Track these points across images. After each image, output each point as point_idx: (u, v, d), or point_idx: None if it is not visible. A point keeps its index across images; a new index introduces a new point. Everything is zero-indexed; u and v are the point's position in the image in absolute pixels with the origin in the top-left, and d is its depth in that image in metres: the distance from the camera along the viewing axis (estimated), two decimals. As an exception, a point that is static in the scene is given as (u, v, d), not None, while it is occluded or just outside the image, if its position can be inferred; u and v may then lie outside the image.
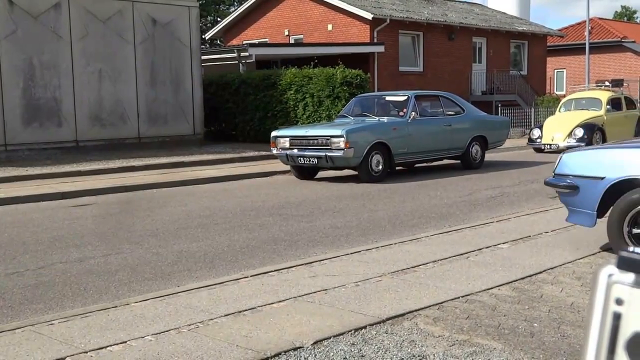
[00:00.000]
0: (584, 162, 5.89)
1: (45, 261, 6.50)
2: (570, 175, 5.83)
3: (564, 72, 38.58)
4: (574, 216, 5.95)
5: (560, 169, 5.98)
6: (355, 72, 18.79)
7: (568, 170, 5.89)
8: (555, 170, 6.08)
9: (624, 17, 65.00)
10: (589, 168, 5.75)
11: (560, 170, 5.98)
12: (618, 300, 0.71)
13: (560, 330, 4.05)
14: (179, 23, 18.64)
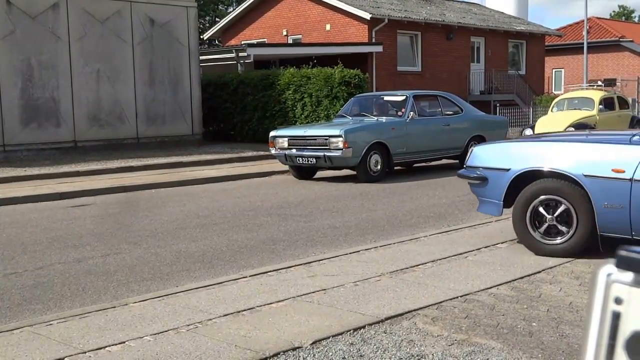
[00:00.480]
0: (492, 154, 6.20)
1: (43, 262, 6.49)
2: (480, 167, 6.15)
3: (562, 72, 38.61)
4: (483, 206, 6.29)
5: (471, 161, 6.29)
6: (353, 72, 18.79)
7: (478, 163, 6.21)
8: (466, 163, 6.39)
9: (622, 16, 65.06)
10: (496, 160, 6.06)
11: (471, 162, 6.29)
12: (617, 299, 0.71)
13: (558, 329, 4.05)
14: (177, 23, 18.63)
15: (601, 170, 5.41)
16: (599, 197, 5.44)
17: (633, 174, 5.24)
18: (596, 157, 5.55)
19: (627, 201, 5.29)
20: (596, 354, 0.72)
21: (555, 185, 5.66)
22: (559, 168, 5.61)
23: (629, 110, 20.15)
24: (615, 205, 5.36)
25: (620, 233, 5.49)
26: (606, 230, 5.55)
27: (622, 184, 5.29)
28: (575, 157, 5.62)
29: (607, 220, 5.46)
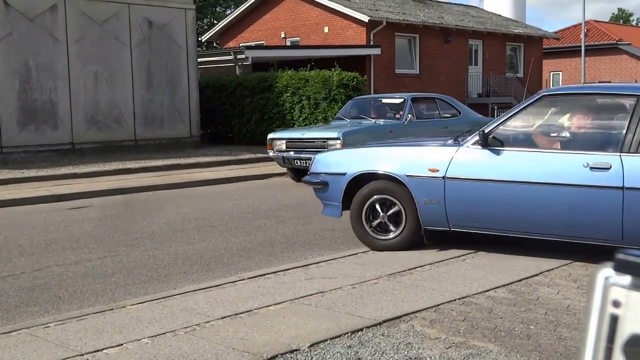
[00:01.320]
0: (331, 161, 6.79)
1: (41, 264, 6.49)
2: (322, 173, 6.71)
3: (560, 75, 38.67)
4: (326, 209, 6.83)
5: (314, 167, 6.83)
6: (351, 75, 18.79)
7: (320, 169, 6.77)
8: (310, 170, 6.89)
9: (619, 19, 65.19)
10: (335, 166, 6.66)
11: (314, 169, 6.83)
12: (615, 302, 0.71)
13: (556, 332, 4.06)
14: (175, 25, 18.63)
15: (420, 170, 6.09)
16: (419, 194, 6.09)
17: (445, 173, 5.94)
18: (416, 159, 6.22)
19: (442, 196, 5.98)
20: (594, 357, 0.72)
21: (385, 186, 6.28)
22: (386, 170, 6.24)
23: None
24: (433, 200, 6.03)
25: (440, 225, 6.15)
26: (428, 224, 6.19)
27: (437, 181, 5.99)
28: (399, 159, 6.28)
29: (427, 214, 6.12)
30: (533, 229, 5.75)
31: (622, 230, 5.29)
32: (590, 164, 5.33)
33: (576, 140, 5.80)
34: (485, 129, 5.85)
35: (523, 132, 6.04)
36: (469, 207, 5.92)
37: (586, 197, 5.38)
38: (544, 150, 5.76)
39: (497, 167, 5.74)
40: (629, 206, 5.21)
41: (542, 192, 5.55)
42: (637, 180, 5.18)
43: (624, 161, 5.23)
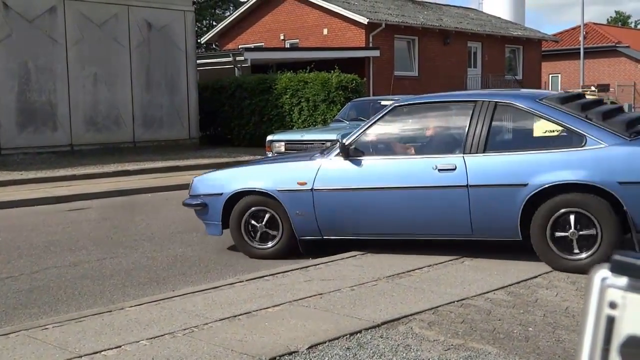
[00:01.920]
0: (209, 182, 6.95)
1: (39, 265, 6.48)
2: (201, 195, 6.88)
3: (559, 77, 38.71)
4: (208, 228, 6.93)
5: (193, 190, 7.00)
6: (350, 77, 18.80)
7: (199, 191, 6.93)
8: (189, 192, 7.08)
9: (618, 22, 65.26)
10: (212, 187, 6.84)
11: (193, 191, 7.01)
12: (612, 303, 0.71)
13: (555, 334, 4.06)
14: (174, 27, 18.64)
15: (289, 184, 6.36)
16: (291, 207, 6.35)
17: (312, 185, 6.24)
18: (286, 174, 6.53)
19: (312, 208, 6.26)
20: (591, 358, 0.72)
21: (260, 200, 6.54)
22: (260, 187, 6.50)
23: None
24: (303, 212, 6.30)
25: (313, 235, 6.42)
26: (302, 234, 6.44)
27: (305, 194, 6.27)
28: (270, 176, 6.57)
29: (300, 225, 6.37)
30: (397, 231, 6.16)
31: (471, 224, 5.77)
32: (438, 166, 5.80)
33: (427, 145, 6.29)
34: (346, 141, 6.24)
35: (380, 141, 6.41)
36: (337, 216, 6.24)
37: (437, 196, 5.84)
38: (399, 156, 6.22)
39: (358, 175, 6.12)
40: (474, 202, 5.70)
41: (400, 196, 5.97)
42: (478, 178, 5.68)
43: (467, 161, 5.73)
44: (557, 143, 5.67)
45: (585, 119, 5.55)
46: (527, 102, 5.84)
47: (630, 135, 5.43)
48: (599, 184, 5.33)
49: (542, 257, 5.67)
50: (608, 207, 5.34)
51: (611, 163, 5.37)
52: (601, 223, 5.35)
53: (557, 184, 5.44)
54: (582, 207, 5.41)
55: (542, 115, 5.71)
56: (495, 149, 5.75)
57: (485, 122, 5.80)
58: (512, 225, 5.65)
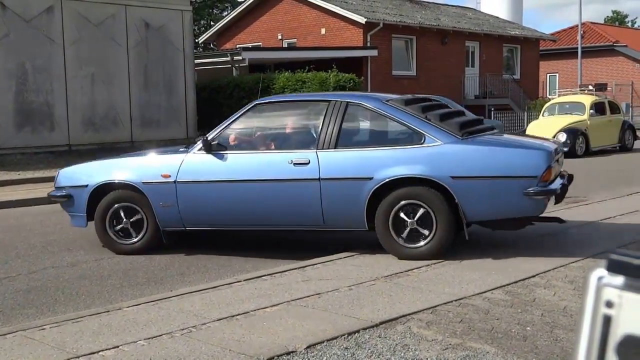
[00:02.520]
0: (74, 174, 7.12)
1: (37, 266, 6.47)
2: (66, 187, 7.05)
3: (557, 76, 38.75)
4: (74, 220, 7.12)
5: (58, 182, 7.16)
6: (348, 76, 18.82)
7: (64, 183, 7.09)
8: (55, 184, 7.22)
9: (615, 21, 65.34)
10: (77, 179, 7.01)
11: (58, 183, 7.15)
12: (608, 302, 0.71)
13: (553, 333, 4.06)
14: (172, 27, 18.62)
15: (154, 177, 6.60)
16: (155, 199, 6.58)
17: (176, 177, 6.50)
18: (150, 166, 6.74)
19: (175, 200, 6.51)
20: (587, 357, 0.72)
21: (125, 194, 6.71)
22: (124, 179, 6.71)
23: (620, 115, 20.22)
24: (167, 204, 6.54)
25: (176, 226, 6.67)
26: (165, 226, 6.68)
27: (169, 186, 6.53)
28: (135, 168, 6.76)
29: (164, 217, 6.62)
30: (257, 222, 6.48)
31: (323, 215, 6.16)
32: (294, 160, 6.18)
33: (285, 141, 6.66)
34: (208, 136, 6.53)
35: (242, 137, 6.72)
36: (199, 208, 6.52)
37: (293, 189, 6.21)
38: (258, 151, 6.54)
39: (220, 169, 6.42)
40: (325, 194, 6.09)
41: (259, 188, 6.31)
42: (329, 172, 6.09)
43: (319, 156, 6.14)
44: (401, 141, 6.16)
45: (425, 119, 6.07)
46: (374, 102, 6.33)
47: (462, 135, 5.98)
48: (434, 178, 5.85)
49: (385, 247, 6.08)
50: (442, 199, 5.86)
51: (445, 159, 5.89)
52: (436, 214, 5.87)
53: (398, 178, 5.91)
54: (420, 200, 5.91)
55: (387, 115, 6.21)
56: (346, 145, 6.19)
57: (337, 120, 6.24)
58: (359, 216, 6.07)
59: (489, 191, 5.84)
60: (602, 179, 13.18)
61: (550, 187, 5.83)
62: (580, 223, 7.67)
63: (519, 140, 6.55)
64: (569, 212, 8.65)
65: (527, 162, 5.82)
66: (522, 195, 5.72)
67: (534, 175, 5.73)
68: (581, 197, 10.46)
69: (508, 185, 5.79)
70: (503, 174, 5.80)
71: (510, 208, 5.89)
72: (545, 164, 5.77)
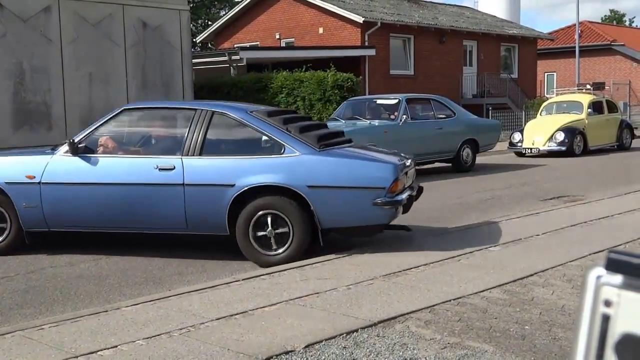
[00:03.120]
0: None
1: (35, 265, 6.47)
2: None
3: (554, 75, 38.76)
4: None
5: None
6: (346, 76, 18.81)
7: None
8: None
9: (613, 20, 65.38)
10: None
11: None
12: (606, 301, 0.71)
13: (551, 332, 4.06)
14: (169, 26, 18.61)
15: (18, 177, 6.68)
16: (19, 200, 6.66)
17: (40, 179, 6.59)
18: (15, 167, 6.82)
19: (39, 201, 6.59)
20: (586, 356, 0.72)
21: None
22: None
23: (618, 114, 20.24)
24: (31, 205, 6.62)
25: (40, 227, 6.74)
26: (29, 226, 6.76)
27: (33, 187, 6.61)
28: None
29: (27, 218, 6.69)
30: (121, 225, 6.59)
31: (186, 220, 6.32)
32: (159, 165, 6.35)
33: (151, 147, 6.86)
34: (75, 139, 6.74)
35: (108, 141, 6.78)
36: (64, 209, 6.60)
37: (157, 193, 6.36)
38: (125, 155, 6.65)
39: (85, 172, 6.54)
40: (189, 199, 6.27)
41: (124, 192, 6.43)
42: (193, 178, 6.26)
43: (184, 163, 6.32)
44: (263, 150, 6.46)
45: (286, 130, 6.35)
46: (239, 113, 6.56)
47: (319, 147, 6.29)
48: (292, 186, 6.10)
49: (244, 252, 6.27)
50: (298, 208, 6.11)
51: (302, 169, 6.17)
52: (292, 222, 6.11)
53: (257, 186, 6.14)
54: (278, 208, 6.15)
55: (250, 126, 6.43)
56: (210, 153, 6.39)
57: (202, 128, 6.44)
58: (221, 221, 6.25)
59: (342, 200, 6.16)
60: (599, 178, 13.20)
61: (397, 198, 6.17)
62: (578, 222, 7.68)
63: (370, 153, 6.87)
64: (567, 211, 8.67)
65: (376, 174, 6.19)
66: (372, 205, 6.05)
67: (382, 187, 6.08)
68: (579, 196, 10.48)
69: (359, 195, 6.13)
70: (355, 184, 6.13)
71: (362, 216, 6.20)
72: (393, 176, 6.13)
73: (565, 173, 14.00)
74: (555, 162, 16.32)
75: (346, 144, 6.91)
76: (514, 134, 18.51)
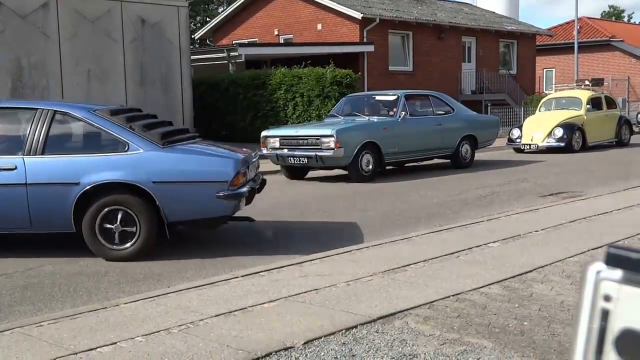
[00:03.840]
0: None
1: (33, 262, 6.46)
2: None
3: (553, 71, 38.75)
4: None
5: None
6: (345, 72, 18.79)
7: None
8: None
9: (612, 16, 65.34)
10: None
11: None
12: (606, 296, 0.71)
13: (550, 328, 4.07)
14: (168, 23, 18.59)
15: None
16: None
17: None
18: None
19: None
20: (585, 351, 0.72)
21: None
22: None
23: (617, 110, 20.23)
24: None
25: None
26: None
27: None
28: None
29: None
30: None
31: (30, 219, 6.39)
32: (0, 166, 6.32)
33: None
34: None
35: None
36: None
37: None
38: None
39: None
40: (32, 198, 6.32)
41: None
42: (36, 177, 6.32)
43: (26, 162, 6.35)
44: (107, 148, 6.51)
45: (129, 128, 6.47)
46: (81, 111, 6.64)
47: (163, 144, 6.45)
48: (137, 182, 6.26)
49: (91, 248, 6.38)
50: (144, 203, 6.28)
51: (146, 166, 6.33)
52: (139, 217, 6.29)
53: (103, 183, 6.27)
54: (124, 204, 6.30)
55: (94, 124, 6.51)
56: (53, 152, 6.43)
57: (44, 127, 6.47)
58: (66, 219, 6.34)
59: (186, 195, 6.38)
60: (598, 174, 13.20)
61: (239, 190, 6.41)
62: (577, 218, 7.68)
63: (213, 149, 7.09)
64: (566, 207, 8.67)
65: (218, 168, 6.44)
66: (215, 198, 6.27)
67: (224, 180, 6.32)
68: (578, 192, 10.48)
69: (202, 189, 6.36)
70: (197, 179, 6.37)
71: (206, 209, 6.43)
72: (234, 171, 6.37)
73: (564, 169, 14.01)
74: (554, 158, 16.32)
75: (191, 140, 7.10)
76: (513, 130, 18.52)
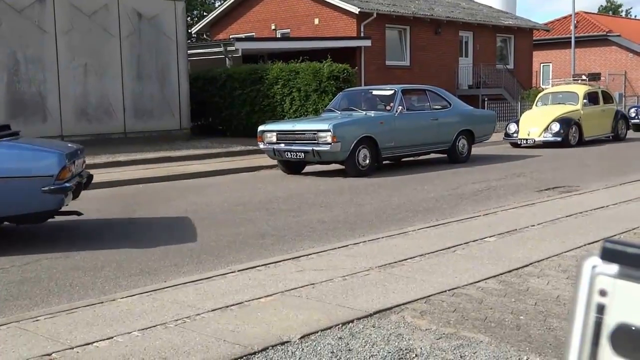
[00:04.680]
0: None
1: (30, 257, 6.45)
2: None
3: (550, 66, 38.76)
4: None
5: None
6: (342, 67, 18.77)
7: None
8: None
9: (609, 11, 65.33)
10: None
11: None
12: (602, 291, 0.71)
13: (546, 322, 4.08)
14: (164, 17, 18.54)
15: None
16: None
17: None
18: None
19: None
20: (580, 346, 0.72)
21: None
22: None
23: (614, 105, 20.24)
24: None
25: None
26: None
27: None
28: None
29: None
30: None
31: None
32: None
33: None
34: None
35: None
36: None
37: None
38: None
39: None
40: None
41: None
42: None
43: None
44: None
45: None
46: None
47: None
48: None
49: None
50: None
51: None
52: None
53: None
54: None
55: None
56: None
57: None
58: None
59: (11, 190, 6.35)
60: (595, 168, 13.22)
61: (65, 184, 6.43)
62: (574, 213, 7.69)
63: (36, 144, 7.06)
64: (562, 201, 8.68)
65: (43, 163, 6.43)
66: (41, 193, 6.29)
67: (50, 175, 6.33)
68: (574, 186, 10.50)
69: (28, 184, 6.36)
70: (21, 174, 6.37)
71: (32, 204, 6.44)
72: (59, 165, 6.37)
73: (561, 164, 14.03)
74: (550, 152, 16.34)
75: (12, 136, 7.00)
76: (510, 125, 18.52)
